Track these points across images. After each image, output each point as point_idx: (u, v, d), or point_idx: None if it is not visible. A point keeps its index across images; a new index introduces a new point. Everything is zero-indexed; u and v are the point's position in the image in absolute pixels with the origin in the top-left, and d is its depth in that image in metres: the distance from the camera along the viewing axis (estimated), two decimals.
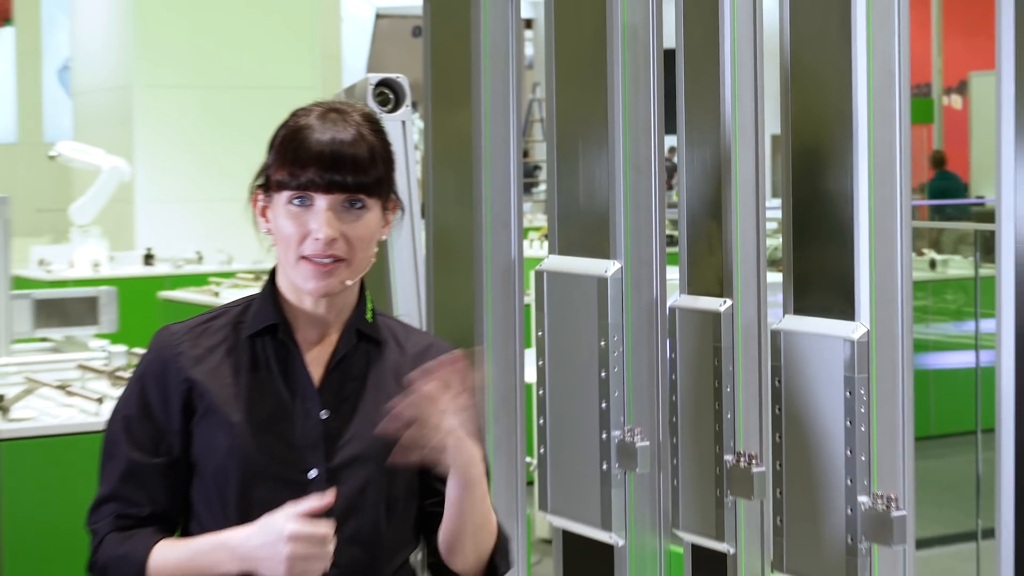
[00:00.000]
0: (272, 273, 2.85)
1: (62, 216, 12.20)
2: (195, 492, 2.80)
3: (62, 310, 7.04)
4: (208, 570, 2.72)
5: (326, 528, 2.63)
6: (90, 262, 11.07)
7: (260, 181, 2.82)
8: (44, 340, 7.12)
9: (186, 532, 2.83)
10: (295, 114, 2.82)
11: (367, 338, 2.84)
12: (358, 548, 2.72)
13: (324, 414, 2.77)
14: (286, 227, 2.73)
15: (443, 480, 2.84)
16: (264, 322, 2.80)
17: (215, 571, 2.71)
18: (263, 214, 2.82)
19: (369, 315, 2.86)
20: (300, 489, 2.71)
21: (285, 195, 2.73)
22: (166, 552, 2.75)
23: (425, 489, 2.89)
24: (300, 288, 2.76)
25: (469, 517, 2.81)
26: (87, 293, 7.11)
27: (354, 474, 2.76)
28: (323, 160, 2.71)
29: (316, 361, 2.81)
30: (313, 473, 2.74)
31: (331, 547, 2.64)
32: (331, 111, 2.80)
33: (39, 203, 15.09)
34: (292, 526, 2.61)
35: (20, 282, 8.69)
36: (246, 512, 2.72)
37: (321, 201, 2.70)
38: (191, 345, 2.80)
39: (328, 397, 2.79)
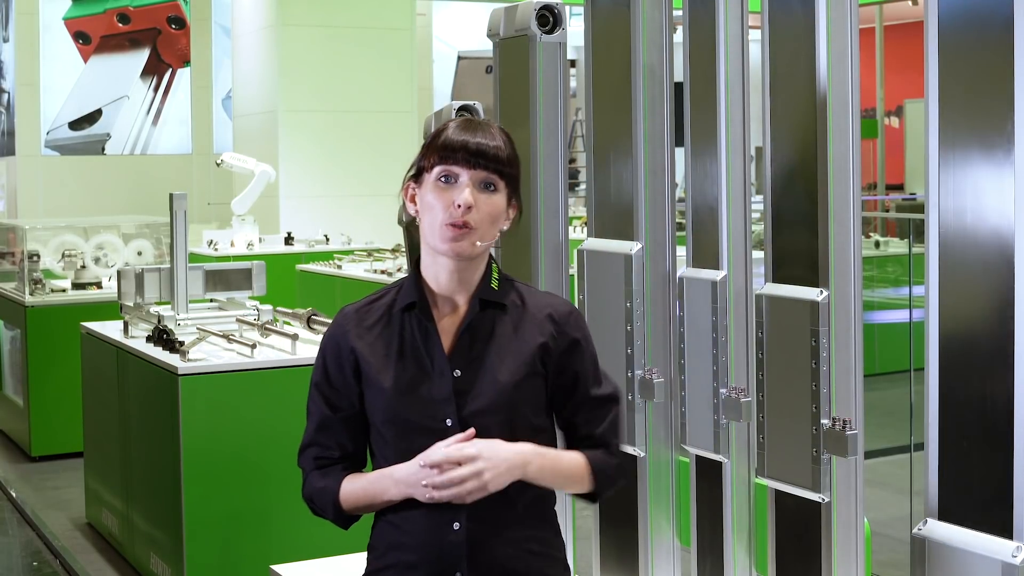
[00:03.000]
0: (416, 263, 2.74)
1: (225, 208, 12.24)
2: (372, 437, 2.75)
3: (225, 278, 7.07)
4: (378, 496, 2.68)
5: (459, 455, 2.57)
6: (246, 242, 11.10)
7: (412, 173, 2.69)
8: (212, 300, 7.15)
9: (376, 467, 2.77)
10: (445, 123, 2.68)
11: (492, 304, 2.69)
12: None
13: (457, 373, 2.65)
14: (434, 200, 2.60)
15: (565, 420, 2.78)
16: (407, 300, 2.69)
17: (383, 497, 2.67)
18: (412, 200, 2.69)
19: (495, 283, 2.72)
20: (440, 434, 2.61)
21: (436, 172, 2.61)
22: (350, 484, 2.73)
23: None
24: (438, 250, 2.64)
25: (550, 486, 2.73)
26: (243, 266, 7.14)
27: (482, 421, 2.62)
28: (468, 147, 2.59)
29: (448, 330, 2.69)
30: (448, 422, 2.63)
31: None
32: (474, 121, 2.67)
33: (208, 198, 15.13)
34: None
35: (194, 257, 8.72)
36: (404, 453, 2.65)
37: (464, 176, 2.59)
38: (356, 324, 2.72)
39: (458, 359, 2.66)
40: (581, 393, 2.77)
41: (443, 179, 2.60)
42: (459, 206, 2.58)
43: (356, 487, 2.72)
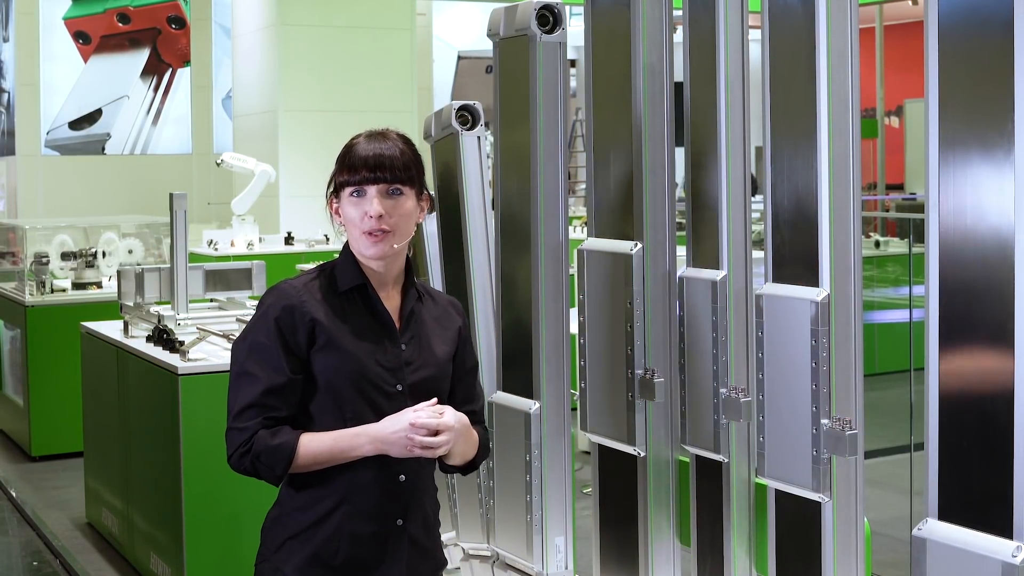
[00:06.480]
0: (346, 247, 2.99)
1: (225, 208, 12.23)
2: (312, 402, 2.91)
3: (225, 278, 7.08)
4: (348, 452, 2.86)
5: (439, 423, 2.84)
6: (246, 242, 11.10)
7: (331, 190, 2.97)
8: (212, 300, 7.15)
9: (312, 429, 2.91)
10: (351, 139, 2.97)
11: (417, 295, 3.03)
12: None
13: (404, 346, 2.95)
14: (350, 213, 2.91)
15: (460, 399, 3.07)
16: (354, 281, 2.95)
17: (354, 453, 2.86)
18: (337, 213, 2.96)
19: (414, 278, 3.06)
20: (393, 397, 2.91)
21: (347, 191, 2.90)
22: (311, 440, 2.86)
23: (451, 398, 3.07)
24: (364, 255, 2.93)
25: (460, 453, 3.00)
26: (243, 265, 7.15)
27: (424, 387, 2.94)
28: (369, 164, 2.88)
29: (389, 309, 2.97)
30: (399, 387, 2.92)
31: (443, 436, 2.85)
32: (375, 134, 2.96)
33: (208, 198, 15.11)
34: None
35: (194, 257, 8.71)
36: (357, 411, 2.88)
37: (371, 190, 2.88)
38: (308, 295, 2.93)
39: (404, 335, 2.96)
40: (466, 366, 3.13)
41: (354, 194, 2.91)
42: (371, 216, 2.88)
43: (317, 444, 2.86)
